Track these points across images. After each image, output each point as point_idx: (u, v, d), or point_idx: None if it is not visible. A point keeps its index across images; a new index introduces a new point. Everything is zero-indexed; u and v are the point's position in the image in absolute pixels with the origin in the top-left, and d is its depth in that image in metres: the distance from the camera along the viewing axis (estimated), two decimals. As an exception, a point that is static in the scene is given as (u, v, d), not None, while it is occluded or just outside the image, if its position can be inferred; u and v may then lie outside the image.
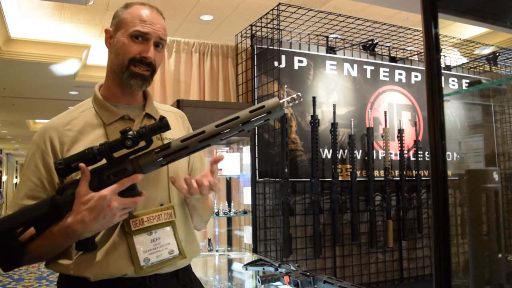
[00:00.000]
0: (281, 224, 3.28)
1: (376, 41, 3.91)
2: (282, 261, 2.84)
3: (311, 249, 3.54)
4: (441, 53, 3.65)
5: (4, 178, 18.48)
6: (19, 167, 22.48)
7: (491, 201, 0.78)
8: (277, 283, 1.89)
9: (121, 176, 1.03)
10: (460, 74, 4.55)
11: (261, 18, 3.44)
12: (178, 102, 2.97)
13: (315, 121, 3.45)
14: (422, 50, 3.50)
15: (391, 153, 3.93)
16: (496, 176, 0.79)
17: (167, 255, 1.14)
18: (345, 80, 3.86)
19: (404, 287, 3.99)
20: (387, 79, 4.09)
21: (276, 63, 3.44)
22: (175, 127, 1.25)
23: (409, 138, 4.07)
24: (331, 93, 3.77)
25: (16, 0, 4.68)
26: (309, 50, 3.74)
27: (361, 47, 4.01)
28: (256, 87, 3.49)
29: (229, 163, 3.21)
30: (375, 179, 3.80)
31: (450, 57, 4.54)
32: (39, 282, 5.85)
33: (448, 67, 4.51)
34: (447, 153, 0.82)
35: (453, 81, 4.46)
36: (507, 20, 1.03)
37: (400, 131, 3.93)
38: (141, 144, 1.04)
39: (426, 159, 4.19)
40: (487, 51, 4.61)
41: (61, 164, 1.01)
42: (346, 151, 3.77)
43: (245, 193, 3.33)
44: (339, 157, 3.67)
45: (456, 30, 5.12)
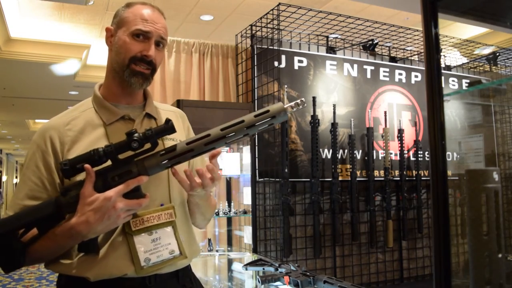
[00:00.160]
0: (281, 224, 3.28)
1: (376, 41, 3.91)
2: (282, 261, 2.83)
3: (311, 249, 3.54)
4: (441, 53, 3.65)
5: (4, 178, 18.48)
6: (19, 167, 22.48)
7: (491, 201, 0.78)
8: (277, 283, 1.89)
9: (126, 178, 1.03)
10: (460, 74, 4.55)
11: (261, 18, 3.44)
12: (178, 102, 2.97)
13: (315, 121, 3.45)
14: (422, 50, 3.50)
15: (391, 153, 3.93)
16: (496, 176, 0.79)
17: (168, 255, 1.14)
18: (345, 80, 3.86)
19: (404, 287, 3.99)
20: (387, 79, 4.09)
21: (276, 63, 3.44)
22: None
23: (409, 138, 4.07)
24: (331, 93, 3.77)
25: (16, 0, 4.68)
26: (309, 50, 3.74)
27: (361, 47, 4.01)
28: (256, 87, 3.49)
29: (229, 163, 3.21)
30: (375, 179, 3.80)
31: (450, 57, 4.54)
32: (39, 282, 5.85)
33: (448, 67, 4.51)
34: (447, 153, 0.82)
35: (453, 81, 4.46)
36: (507, 20, 1.03)
37: (400, 131, 3.93)
38: (146, 146, 1.04)
39: (426, 159, 4.19)
40: (487, 51, 4.61)
41: (66, 165, 1.01)
42: (346, 151, 3.77)
43: (245, 193, 3.33)
44: (339, 157, 3.67)
45: (456, 30, 5.12)
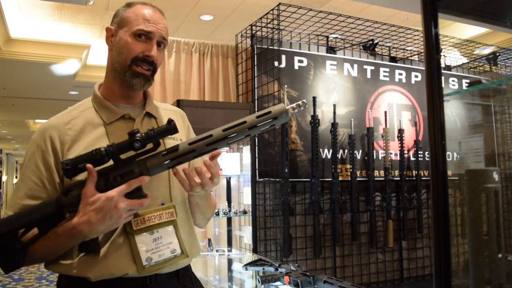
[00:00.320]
0: (281, 224, 3.28)
1: (376, 41, 3.91)
2: (282, 261, 2.83)
3: (311, 249, 3.54)
4: (441, 53, 3.65)
5: (4, 178, 18.48)
6: (19, 167, 22.47)
7: (491, 201, 0.78)
8: (277, 283, 1.89)
9: (128, 178, 1.03)
10: (460, 74, 4.54)
11: (261, 18, 3.44)
12: (178, 102, 2.97)
13: (315, 121, 3.45)
14: (422, 50, 3.50)
15: (391, 153, 3.93)
16: (496, 176, 0.79)
17: (169, 254, 1.14)
18: (345, 80, 3.86)
19: (404, 287, 3.99)
20: (387, 79, 4.09)
21: (276, 63, 3.44)
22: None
23: (409, 138, 4.07)
24: (331, 93, 3.77)
25: (16, 0, 4.68)
26: (309, 50, 3.74)
27: (361, 47, 4.01)
28: (256, 87, 3.49)
29: (229, 163, 3.21)
30: (375, 179, 3.80)
31: (450, 57, 4.54)
32: (39, 282, 5.85)
33: (448, 67, 4.51)
34: (447, 153, 0.82)
35: (453, 81, 4.46)
36: (507, 20, 1.03)
37: (400, 131, 3.93)
38: (148, 146, 1.04)
39: (426, 159, 4.18)
40: (487, 51, 4.61)
41: (68, 164, 1.01)
42: (346, 151, 3.77)
43: (245, 193, 3.33)
44: (339, 157, 3.67)
45: (456, 30, 5.12)
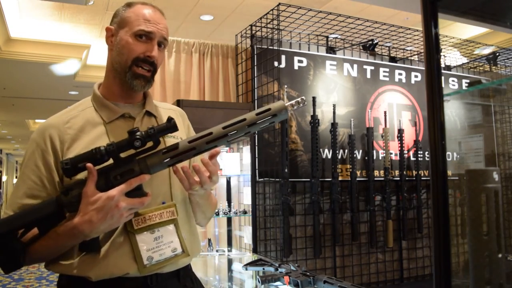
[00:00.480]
0: (281, 224, 3.28)
1: (376, 41, 3.91)
2: (282, 261, 2.83)
3: (311, 249, 3.54)
4: (441, 53, 3.65)
5: (4, 178, 18.49)
6: (19, 167, 22.45)
7: (491, 201, 0.78)
8: (277, 283, 1.89)
9: (128, 177, 1.03)
10: (460, 74, 4.54)
11: (261, 18, 3.44)
12: (178, 102, 2.97)
13: (315, 121, 3.45)
14: (422, 50, 3.50)
15: (391, 153, 3.93)
16: (496, 176, 0.79)
17: (170, 253, 1.14)
18: (345, 80, 3.86)
19: (404, 287, 3.99)
20: (387, 79, 4.09)
21: (276, 63, 3.44)
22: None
23: (409, 138, 4.07)
24: (331, 93, 3.77)
25: (16, 0, 4.68)
26: (309, 50, 3.74)
27: (361, 47, 4.01)
28: (256, 87, 3.49)
29: (229, 163, 3.21)
30: (375, 179, 3.80)
31: (450, 57, 4.54)
32: (39, 282, 5.85)
33: (448, 67, 4.51)
34: (447, 153, 0.82)
35: (453, 81, 4.46)
36: (507, 20, 1.03)
37: (400, 131, 3.93)
38: (148, 145, 1.04)
39: (426, 159, 4.18)
40: (487, 51, 4.61)
41: (68, 164, 1.00)
42: (346, 151, 3.77)
43: (245, 193, 3.33)
44: (339, 157, 3.67)
45: (456, 30, 5.12)
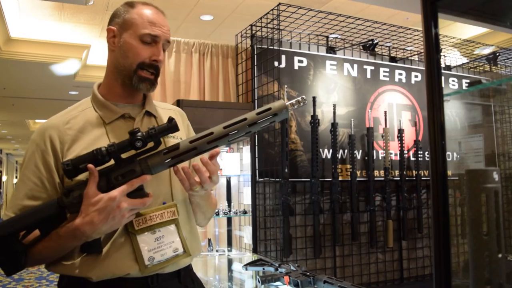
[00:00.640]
0: (281, 224, 3.28)
1: (376, 41, 3.91)
2: (282, 261, 2.83)
3: (311, 249, 3.54)
4: (441, 53, 3.65)
5: (4, 178, 18.49)
6: (19, 167, 22.45)
7: (491, 201, 0.78)
8: (277, 283, 1.89)
9: (130, 177, 1.03)
10: (460, 74, 4.54)
11: (261, 18, 3.44)
12: (178, 102, 2.98)
13: (315, 121, 3.45)
14: (422, 50, 3.50)
15: (391, 153, 3.93)
16: (496, 176, 0.79)
17: (172, 253, 1.14)
18: (345, 80, 3.86)
19: (404, 287, 3.99)
20: (387, 79, 4.09)
21: (276, 63, 3.44)
22: None
23: (409, 138, 4.07)
24: (331, 93, 3.77)
25: (16, 0, 4.68)
26: (309, 50, 3.74)
27: (361, 47, 4.01)
28: (256, 87, 3.49)
29: (229, 163, 3.21)
30: (375, 179, 3.80)
31: (450, 57, 4.54)
32: (39, 282, 5.85)
33: (448, 67, 4.51)
34: (447, 153, 0.82)
35: (453, 81, 4.46)
36: (507, 20, 1.03)
37: (400, 131, 3.93)
38: (149, 145, 1.04)
39: (426, 159, 4.18)
40: (487, 51, 4.61)
41: (69, 165, 1.00)
42: (346, 151, 3.77)
43: (245, 193, 3.33)
44: (339, 157, 3.67)
45: (456, 30, 5.13)
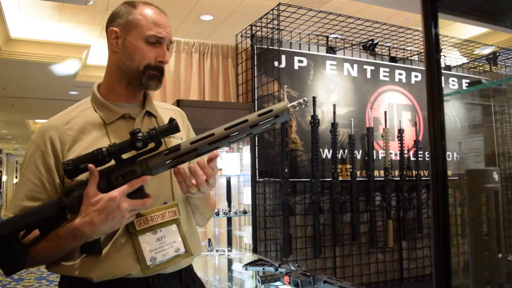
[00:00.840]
0: (281, 224, 3.28)
1: (376, 41, 3.91)
2: (282, 261, 2.84)
3: (311, 249, 3.54)
4: (441, 53, 3.65)
5: (4, 178, 18.49)
6: (19, 168, 22.43)
7: (491, 201, 0.78)
8: (277, 283, 1.89)
9: (130, 178, 1.03)
10: (460, 74, 4.54)
11: (261, 18, 3.44)
12: (178, 102, 2.97)
13: (315, 121, 3.45)
14: (422, 50, 3.50)
15: (391, 153, 3.93)
16: (496, 176, 0.79)
17: (173, 253, 1.14)
18: (345, 80, 3.86)
19: (404, 287, 3.99)
20: (387, 79, 4.09)
21: (276, 63, 3.44)
22: None
23: (409, 138, 4.07)
24: (331, 93, 3.77)
25: (16, 0, 4.68)
26: (309, 50, 3.74)
27: (361, 47, 4.01)
28: (256, 87, 3.49)
29: (229, 163, 3.21)
30: (375, 179, 3.80)
31: (450, 57, 4.54)
32: (39, 282, 5.85)
33: (448, 67, 4.51)
34: (447, 153, 0.82)
35: (453, 81, 4.46)
36: (507, 20, 1.03)
37: (400, 131, 3.93)
38: (149, 146, 1.04)
39: (426, 159, 4.18)
40: (487, 51, 4.61)
41: (69, 165, 1.00)
42: (346, 151, 3.77)
43: (245, 193, 3.33)
44: (339, 157, 3.67)
45: (456, 30, 5.13)
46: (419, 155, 4.06)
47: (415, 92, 4.23)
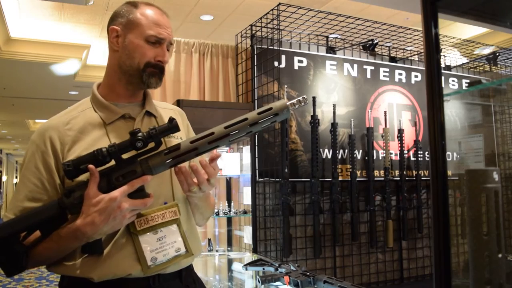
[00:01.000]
0: (281, 224, 3.28)
1: (376, 41, 3.91)
2: (282, 261, 2.84)
3: (311, 249, 3.54)
4: (441, 53, 3.65)
5: (4, 178, 18.48)
6: (19, 167, 22.42)
7: (491, 201, 0.78)
8: (277, 283, 1.89)
9: (131, 178, 1.03)
10: (460, 74, 4.54)
11: (261, 18, 3.44)
12: (178, 102, 2.97)
13: (315, 121, 3.45)
14: (422, 50, 3.50)
15: (391, 153, 3.93)
16: (496, 176, 0.79)
17: (174, 253, 1.14)
18: (345, 80, 3.86)
19: (404, 287, 3.99)
20: (387, 79, 4.09)
21: (276, 63, 3.44)
22: None
23: (409, 138, 4.07)
24: (331, 93, 3.77)
25: (16, 0, 4.68)
26: (309, 50, 3.74)
27: (361, 47, 4.00)
28: (256, 87, 3.49)
29: (229, 163, 3.21)
30: (375, 179, 3.80)
31: (450, 57, 4.54)
32: (39, 282, 5.85)
33: (448, 67, 4.51)
34: (447, 153, 0.82)
35: (453, 81, 4.46)
36: (507, 20, 1.03)
37: (400, 131, 3.93)
38: (149, 145, 1.04)
39: (426, 159, 4.18)
40: (487, 51, 4.61)
41: (69, 165, 1.00)
42: (346, 151, 3.77)
43: (245, 193, 3.33)
44: (339, 157, 3.67)
45: (456, 30, 5.13)
46: (419, 155, 4.06)
47: (415, 92, 4.23)
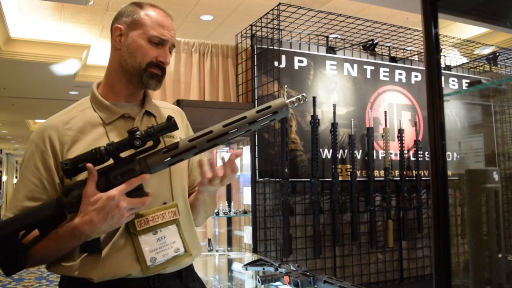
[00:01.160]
0: (281, 224, 3.28)
1: (376, 41, 3.91)
2: (282, 261, 2.84)
3: (311, 249, 3.54)
4: (441, 53, 3.65)
5: (4, 178, 18.49)
6: (19, 167, 22.40)
7: (491, 201, 0.78)
8: (277, 283, 1.89)
9: (129, 177, 1.03)
10: (460, 74, 4.54)
11: (261, 18, 3.44)
12: (178, 102, 2.97)
13: (315, 121, 3.45)
14: (422, 50, 3.50)
15: (391, 153, 3.93)
16: (496, 176, 0.79)
17: (173, 253, 1.14)
18: (345, 80, 3.86)
19: (404, 287, 3.99)
20: (387, 79, 4.09)
21: (276, 63, 3.44)
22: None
23: (409, 138, 4.07)
24: (331, 93, 3.77)
25: (16, 0, 4.68)
26: (309, 50, 3.74)
27: (361, 47, 4.00)
28: (256, 87, 3.49)
29: (229, 163, 3.20)
30: (375, 179, 3.80)
31: (450, 57, 4.54)
32: (39, 282, 5.86)
33: (448, 67, 4.51)
34: (447, 153, 0.82)
35: (453, 81, 4.46)
36: (507, 20, 1.03)
37: (400, 131, 3.93)
38: (148, 144, 1.05)
39: (426, 159, 4.18)
40: (487, 51, 4.61)
41: (67, 164, 1.00)
42: (346, 151, 3.76)
43: (245, 193, 3.33)
44: (339, 157, 3.67)
45: (456, 30, 5.13)
46: (419, 155, 4.06)
47: (415, 92, 4.23)
